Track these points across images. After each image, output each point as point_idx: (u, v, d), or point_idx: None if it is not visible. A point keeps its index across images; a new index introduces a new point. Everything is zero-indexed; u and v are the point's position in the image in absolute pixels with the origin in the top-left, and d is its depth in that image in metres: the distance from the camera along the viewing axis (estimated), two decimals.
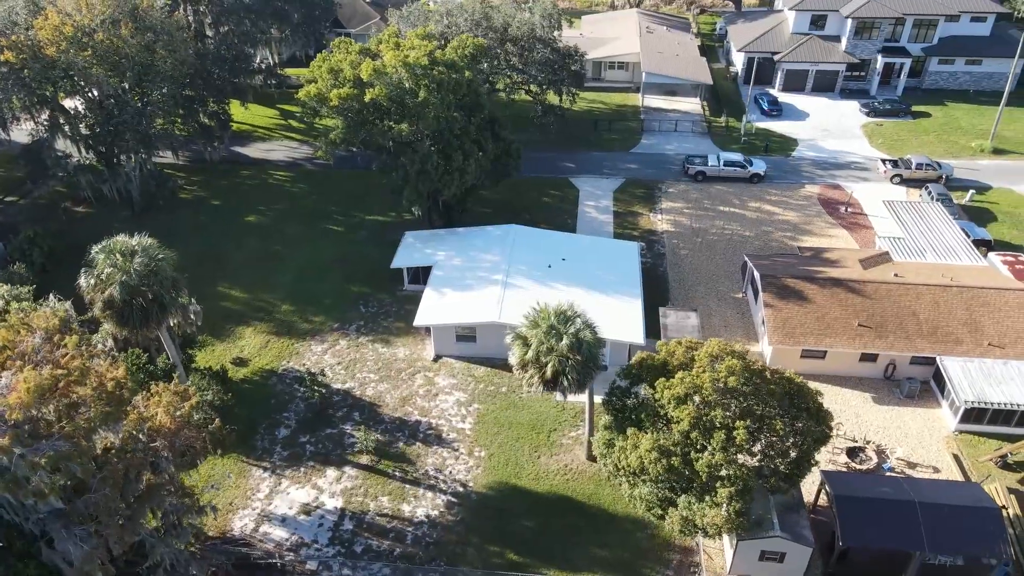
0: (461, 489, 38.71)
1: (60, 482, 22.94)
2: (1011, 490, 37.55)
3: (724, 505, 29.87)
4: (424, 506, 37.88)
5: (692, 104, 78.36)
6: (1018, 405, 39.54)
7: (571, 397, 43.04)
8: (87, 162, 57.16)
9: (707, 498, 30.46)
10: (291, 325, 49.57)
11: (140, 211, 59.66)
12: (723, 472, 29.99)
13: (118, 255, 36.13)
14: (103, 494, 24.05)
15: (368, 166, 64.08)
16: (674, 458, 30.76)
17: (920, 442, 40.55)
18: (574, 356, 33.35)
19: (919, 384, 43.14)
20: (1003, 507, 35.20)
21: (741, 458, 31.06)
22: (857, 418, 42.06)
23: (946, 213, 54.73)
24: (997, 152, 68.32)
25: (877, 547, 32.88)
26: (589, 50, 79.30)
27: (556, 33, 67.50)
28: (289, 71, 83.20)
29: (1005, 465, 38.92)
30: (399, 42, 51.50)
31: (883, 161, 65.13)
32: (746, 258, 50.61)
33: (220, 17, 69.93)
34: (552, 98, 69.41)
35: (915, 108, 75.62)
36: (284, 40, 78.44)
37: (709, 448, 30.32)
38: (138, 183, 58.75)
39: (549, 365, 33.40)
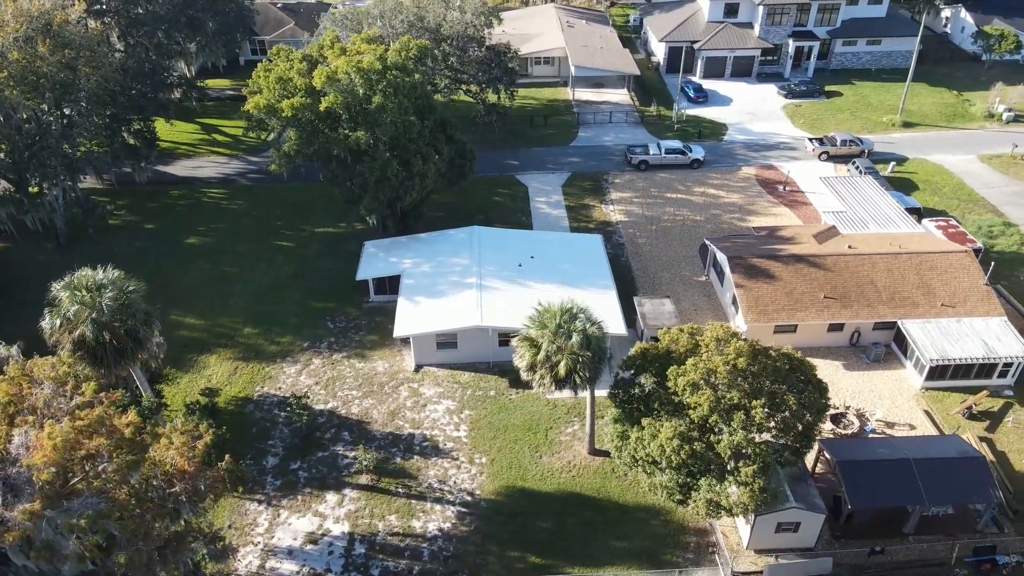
0: (469, 498, 38.13)
1: (94, 542, 21.05)
2: (981, 438, 40.39)
3: (749, 483, 30.69)
4: (435, 520, 37.10)
5: (621, 95, 79.85)
6: (976, 359, 42.48)
7: (557, 394, 43.36)
8: (6, 193, 52.56)
9: (730, 478, 31.21)
10: (258, 348, 47.37)
11: (67, 242, 55.46)
12: (745, 451, 30.84)
13: (84, 291, 33.59)
14: (136, 549, 22.24)
15: (308, 178, 62.10)
16: (696, 443, 31.39)
17: (893, 403, 42.97)
18: (583, 352, 33.41)
19: (884, 348, 45.71)
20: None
21: (757, 436, 31.97)
22: (832, 386, 43.15)
23: (879, 185, 58.14)
24: (906, 125, 73.03)
25: (882, 506, 34.63)
26: (515, 47, 79.25)
27: (488, 31, 67.29)
28: (209, 82, 79.34)
29: (971, 416, 41.77)
30: (344, 47, 49.95)
31: (810, 140, 68.46)
32: (706, 241, 52.12)
33: (130, 29, 65.75)
34: (491, 97, 69.09)
35: (827, 88, 79.83)
36: (200, 50, 74.52)
37: (729, 429, 31.05)
38: (63, 212, 54.57)
39: (562, 364, 33.33)
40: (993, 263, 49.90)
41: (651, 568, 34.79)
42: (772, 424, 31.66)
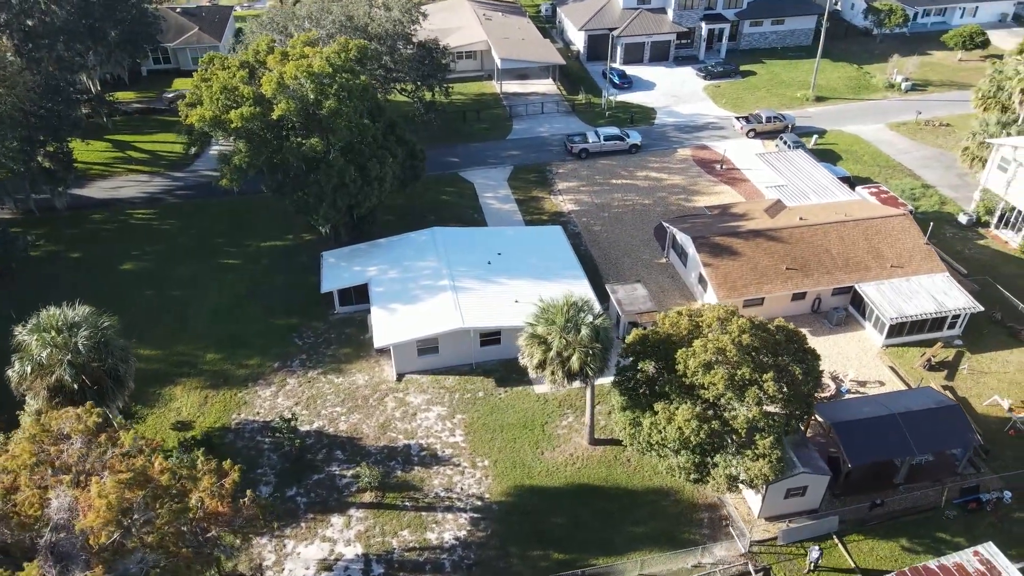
0: (479, 503, 37.62)
1: None
2: (943, 387, 43.31)
3: (767, 455, 31.69)
4: (449, 529, 36.38)
5: (547, 86, 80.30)
6: (929, 314, 45.45)
7: (543, 387, 43.49)
8: None
9: (748, 452, 32.11)
10: (225, 374, 44.90)
11: None
12: (760, 424, 31.81)
13: (53, 332, 30.77)
14: None
15: (243, 191, 59.13)
16: (713, 422, 32.12)
17: (860, 363, 45.40)
18: (594, 345, 33.51)
19: (844, 312, 48.20)
20: None
21: (768, 408, 33.04)
22: None
23: (811, 158, 61.08)
24: (819, 99, 77.03)
25: (876, 461, 36.59)
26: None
27: (414, 27, 66.07)
28: (119, 95, 74.29)
29: (931, 368, 44.71)
30: (286, 51, 47.78)
31: (737, 118, 71.08)
32: (664, 224, 53.31)
33: (27, 43, 60.52)
34: (426, 94, 67.94)
35: (742, 68, 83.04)
36: (103, 62, 69.41)
37: (744, 404, 31.93)
38: None
39: (574, 358, 33.29)
40: (932, 223, 53.43)
41: (671, 549, 35.41)
42: (781, 396, 32.75)
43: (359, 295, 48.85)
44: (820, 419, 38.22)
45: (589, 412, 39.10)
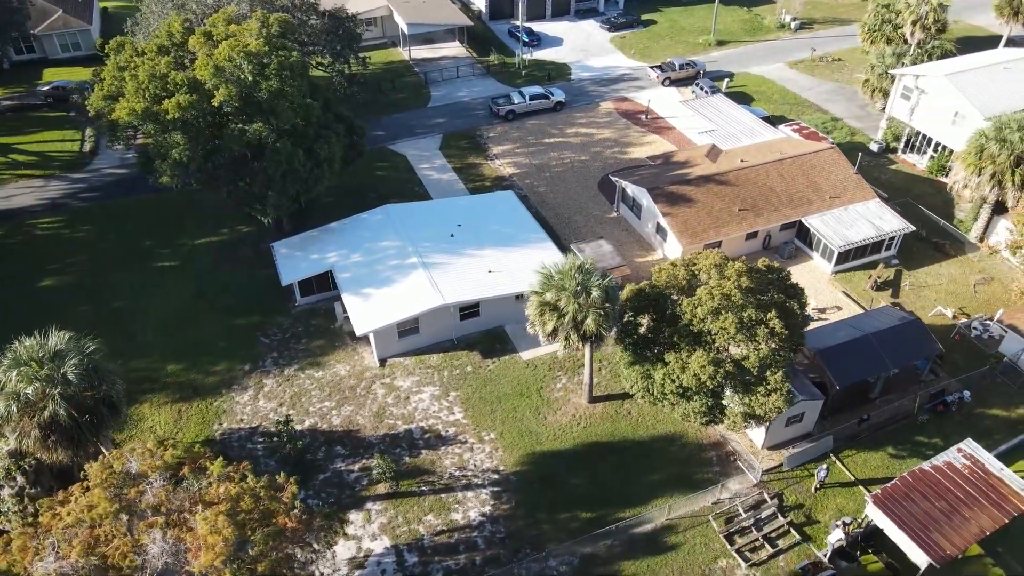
0: (496, 476, 37.54)
1: None
2: (893, 304, 46.87)
3: (779, 388, 33.36)
4: (473, 506, 36.17)
5: (456, 48, 78.63)
6: (870, 238, 48.75)
7: (529, 354, 43.72)
8: None
9: (760, 388, 33.66)
10: (194, 385, 42.08)
11: None
12: (769, 361, 33.36)
13: (36, 365, 27.72)
14: None
15: (158, 187, 54.77)
16: (728, 364, 33.39)
17: (815, 291, 48.21)
18: (605, 305, 33.80)
19: (793, 246, 50.91)
20: None
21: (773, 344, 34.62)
22: None
23: (732, 102, 63.37)
24: (720, 44, 79.74)
25: (859, 380, 39.29)
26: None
27: None
28: None
29: (878, 288, 48.20)
30: (209, 31, 44.16)
31: (651, 68, 72.48)
32: (612, 178, 54.01)
33: None
34: (344, 67, 64.83)
35: (643, 17, 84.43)
36: None
37: (754, 344, 33.33)
38: None
39: (589, 320, 33.46)
40: (860, 154, 56.95)
41: (689, 490, 36.82)
42: (786, 332, 34.36)
43: (320, 284, 46.84)
44: (803, 348, 40.43)
45: (588, 371, 39.58)
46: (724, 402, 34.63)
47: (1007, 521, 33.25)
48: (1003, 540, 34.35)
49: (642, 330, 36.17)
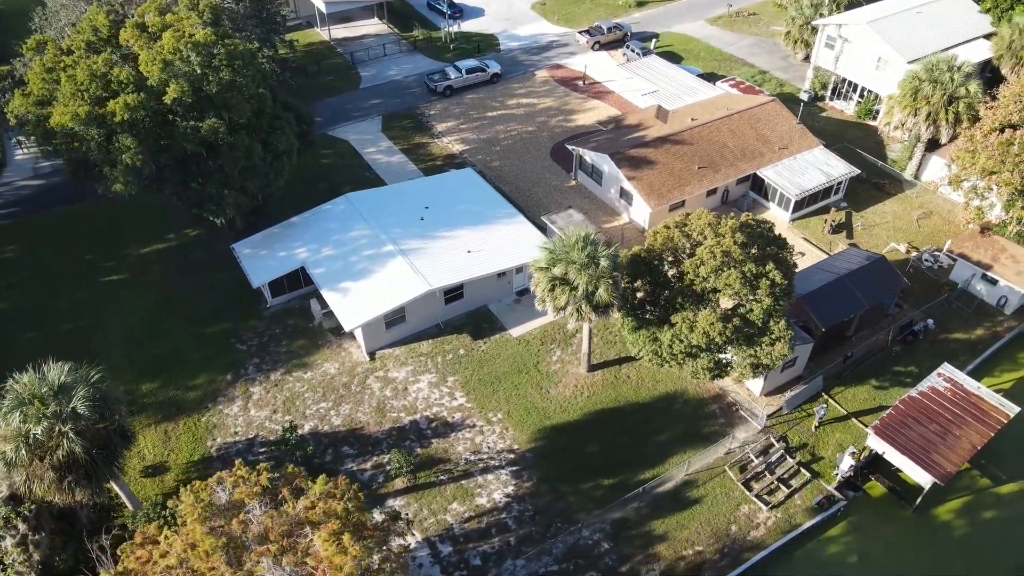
0: (512, 455, 37.43)
1: None
2: (850, 244, 49.32)
3: (783, 336, 34.63)
4: (496, 488, 35.99)
5: (376, 25, 76.12)
6: (822, 184, 50.97)
7: (519, 330, 43.63)
8: None
9: (765, 338, 34.85)
10: (175, 402, 39.69)
11: None
12: (770, 311, 34.54)
13: (38, 403, 25.39)
14: None
15: (85, 196, 50.99)
16: (734, 319, 34.34)
17: None
18: (612, 273, 33.95)
19: (750, 198, 52.60)
20: None
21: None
22: None
23: (667, 62, 64.32)
24: (640, 4, 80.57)
25: (841, 320, 41.26)
26: None
27: None
28: None
29: (834, 231, 50.56)
30: (141, 23, 40.87)
31: (579, 33, 72.51)
32: (569, 147, 54.03)
33: None
34: (274, 52, 61.54)
35: None
36: None
37: (757, 297, 34.37)
38: None
39: (601, 290, 33.52)
40: (802, 103, 59.08)
41: (701, 444, 37.91)
42: (785, 282, 35.57)
43: (291, 282, 44.90)
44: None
45: (587, 341, 39.82)
46: (730, 356, 35.64)
47: (992, 435, 36.01)
48: (984, 453, 37.14)
49: (640, 295, 36.70)
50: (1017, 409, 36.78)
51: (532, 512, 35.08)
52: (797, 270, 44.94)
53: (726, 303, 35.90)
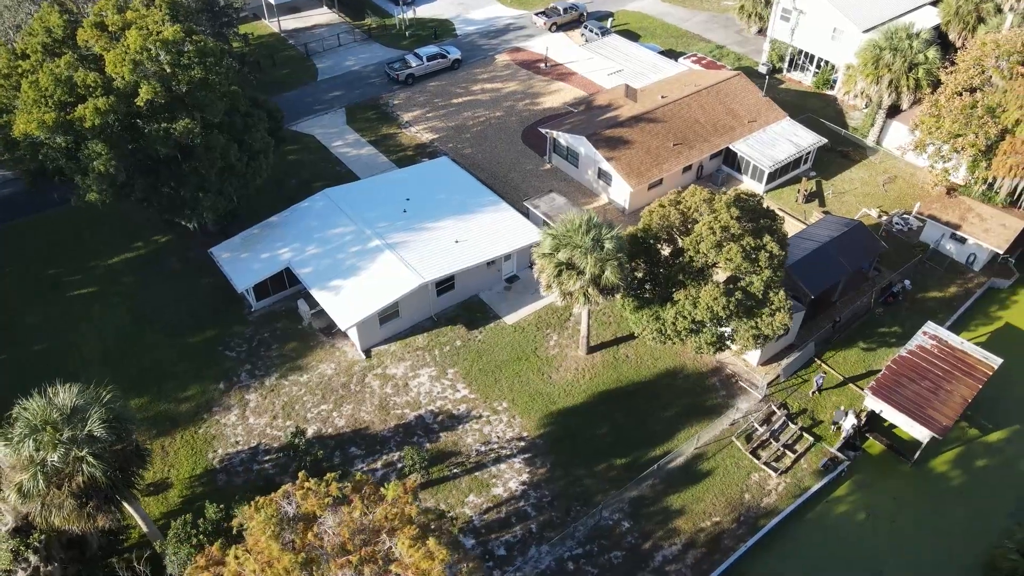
0: (523, 443, 37.36)
1: None
2: (824, 212, 50.59)
3: (782, 307, 35.34)
4: (511, 477, 35.89)
5: (327, 15, 74.18)
6: (792, 155, 52.05)
7: (512, 318, 43.49)
8: None
9: (765, 309, 35.50)
10: (169, 415, 38.26)
11: None
12: (769, 282, 35.19)
13: (51, 430, 24.11)
14: None
15: (39, 207, 48.63)
16: (737, 293, 34.85)
17: None
18: (618, 255, 34.00)
19: (724, 172, 53.37)
20: None
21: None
22: None
23: (628, 40, 64.54)
24: None
25: (827, 286, 42.33)
26: None
27: None
28: None
29: (807, 200, 51.75)
30: (101, 22, 38.82)
31: (536, 15, 72.05)
32: (543, 130, 53.79)
33: None
34: (232, 46, 59.32)
35: None
36: None
37: (756, 269, 34.94)
38: None
39: (608, 272, 33.53)
40: (767, 77, 59.99)
41: (706, 417, 38.52)
42: (783, 252, 36.23)
43: (275, 284, 43.68)
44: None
45: (585, 324, 39.91)
46: (730, 328, 36.20)
47: (980, 387, 37.59)
48: (970, 404, 38.76)
49: (639, 274, 36.93)
50: (1000, 361, 38.47)
51: (550, 498, 35.12)
52: None
53: (720, 277, 36.40)
